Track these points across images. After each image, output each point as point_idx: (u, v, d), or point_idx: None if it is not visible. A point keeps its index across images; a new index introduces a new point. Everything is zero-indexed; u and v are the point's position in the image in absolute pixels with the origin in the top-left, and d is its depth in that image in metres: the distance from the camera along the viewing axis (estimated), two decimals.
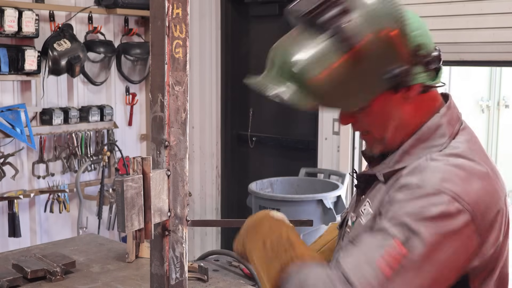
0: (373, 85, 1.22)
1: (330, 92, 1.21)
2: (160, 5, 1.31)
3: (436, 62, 1.27)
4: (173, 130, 1.39)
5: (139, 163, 1.42)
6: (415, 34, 1.24)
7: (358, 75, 1.20)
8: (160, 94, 1.36)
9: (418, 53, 1.24)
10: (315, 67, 1.20)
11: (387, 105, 1.27)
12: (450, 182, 1.17)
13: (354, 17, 1.19)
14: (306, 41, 1.23)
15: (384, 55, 1.21)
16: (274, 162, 4.68)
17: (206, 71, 4.87)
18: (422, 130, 1.28)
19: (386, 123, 1.29)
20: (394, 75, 1.21)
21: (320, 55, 1.20)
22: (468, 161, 1.23)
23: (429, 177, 1.18)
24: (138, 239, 1.42)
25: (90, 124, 4.37)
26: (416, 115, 1.29)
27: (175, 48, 1.35)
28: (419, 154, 1.27)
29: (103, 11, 4.40)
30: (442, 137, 1.28)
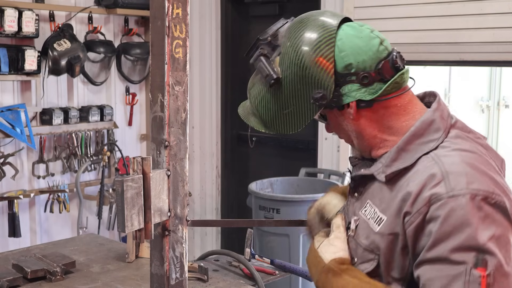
0: (303, 109, 1.34)
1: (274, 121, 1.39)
2: (160, 5, 1.31)
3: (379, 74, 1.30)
4: (173, 130, 1.39)
5: (139, 163, 1.42)
6: (342, 55, 1.29)
7: (291, 103, 1.34)
8: (160, 94, 1.36)
9: (348, 72, 1.29)
10: (255, 99, 1.41)
11: (338, 119, 1.38)
12: (476, 182, 1.20)
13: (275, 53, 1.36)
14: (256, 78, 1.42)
15: (303, 82, 1.32)
16: (274, 162, 4.69)
17: (206, 71, 4.87)
18: (416, 126, 1.30)
19: (346, 134, 1.40)
20: (318, 98, 1.31)
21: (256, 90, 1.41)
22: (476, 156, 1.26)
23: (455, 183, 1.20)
24: (138, 239, 1.42)
25: (90, 124, 4.37)
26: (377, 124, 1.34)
27: (175, 48, 1.35)
28: (416, 150, 1.29)
29: (103, 11, 4.40)
30: (437, 131, 1.30)
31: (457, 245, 1.15)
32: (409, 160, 1.28)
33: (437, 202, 1.19)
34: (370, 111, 1.33)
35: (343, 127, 1.38)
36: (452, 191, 1.18)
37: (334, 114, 1.37)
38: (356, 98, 1.31)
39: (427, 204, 1.20)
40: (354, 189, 1.43)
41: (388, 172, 1.31)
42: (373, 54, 1.30)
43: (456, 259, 1.16)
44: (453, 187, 1.19)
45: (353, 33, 1.32)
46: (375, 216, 1.31)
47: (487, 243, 1.15)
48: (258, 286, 2.26)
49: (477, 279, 1.14)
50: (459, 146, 1.27)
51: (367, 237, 1.33)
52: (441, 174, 1.21)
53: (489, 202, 1.18)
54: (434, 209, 1.19)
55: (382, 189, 1.32)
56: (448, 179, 1.20)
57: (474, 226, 1.15)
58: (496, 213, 1.18)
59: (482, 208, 1.17)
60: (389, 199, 1.29)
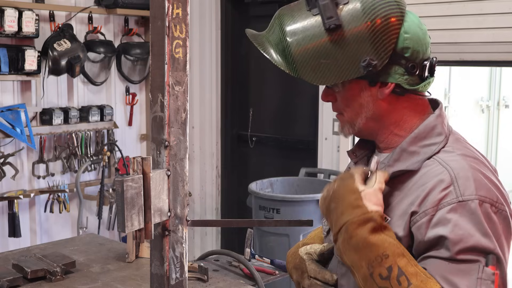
0: (347, 68, 1.28)
1: (306, 66, 1.30)
2: (160, 5, 1.32)
3: (422, 69, 1.32)
4: (173, 130, 1.39)
5: (139, 163, 1.42)
6: (405, 37, 1.29)
7: (336, 56, 1.27)
8: (160, 94, 1.36)
9: (402, 54, 1.29)
10: (300, 40, 1.29)
11: (361, 94, 1.34)
12: (483, 189, 1.23)
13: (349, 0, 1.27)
14: (302, 13, 1.31)
15: (366, 43, 1.26)
16: (274, 162, 4.69)
17: (206, 71, 4.87)
18: (419, 129, 1.33)
19: (358, 110, 1.35)
20: (369, 65, 1.26)
21: (307, 30, 1.29)
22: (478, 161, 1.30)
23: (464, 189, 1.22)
24: (138, 239, 1.42)
25: (90, 124, 4.37)
26: (394, 114, 1.36)
27: (175, 48, 1.35)
28: (419, 152, 1.31)
29: (103, 11, 4.40)
30: (439, 135, 1.33)
31: (469, 246, 1.18)
32: (415, 164, 1.30)
33: (446, 206, 1.21)
34: (398, 99, 1.34)
35: (360, 102, 1.34)
36: (462, 196, 1.21)
37: (360, 86, 1.33)
38: (397, 81, 1.31)
39: (435, 207, 1.22)
40: None
41: (392, 171, 1.31)
42: (426, 50, 1.33)
43: (468, 258, 1.18)
44: (463, 193, 1.22)
45: (417, 22, 1.32)
46: None
47: (496, 248, 1.19)
48: (258, 286, 2.26)
49: (490, 276, 1.17)
50: (464, 152, 1.30)
51: None
52: (450, 178, 1.24)
53: (493, 210, 1.22)
54: (443, 213, 1.21)
55: (385, 189, 1.32)
56: (457, 183, 1.23)
57: (484, 230, 1.19)
58: (499, 221, 1.23)
59: (489, 215, 1.21)
60: (395, 201, 1.30)
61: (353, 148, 1.49)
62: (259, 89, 4.80)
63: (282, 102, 4.64)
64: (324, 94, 1.41)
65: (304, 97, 4.38)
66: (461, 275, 1.17)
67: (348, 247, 1.22)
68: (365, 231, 1.20)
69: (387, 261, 1.17)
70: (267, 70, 4.68)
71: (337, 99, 1.38)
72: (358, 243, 1.20)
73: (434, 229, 1.21)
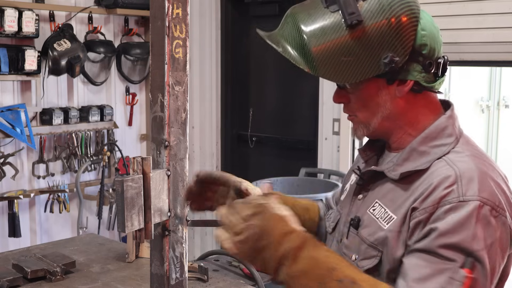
0: (369, 66, 1.25)
1: (326, 63, 1.26)
2: (160, 5, 1.32)
3: (437, 67, 1.32)
4: (173, 130, 1.39)
5: (139, 163, 1.42)
6: (422, 34, 1.28)
7: (357, 53, 1.24)
8: (160, 94, 1.36)
9: (420, 51, 1.28)
10: (319, 37, 1.26)
11: (379, 92, 1.31)
12: (487, 191, 1.22)
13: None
14: (318, 11, 1.28)
15: (387, 39, 1.24)
16: (274, 162, 4.69)
17: (206, 71, 4.87)
18: (429, 129, 1.32)
19: (375, 110, 1.33)
20: (391, 61, 1.24)
21: (326, 27, 1.26)
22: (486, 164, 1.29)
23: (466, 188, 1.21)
24: (138, 239, 1.42)
25: (90, 124, 4.37)
26: (410, 113, 1.34)
27: (175, 48, 1.35)
28: (429, 152, 1.30)
29: (103, 11, 4.40)
30: (450, 136, 1.32)
31: (452, 243, 1.17)
32: (424, 164, 1.29)
33: (446, 205, 1.20)
34: (415, 97, 1.33)
35: (377, 101, 1.32)
36: (463, 196, 1.20)
37: (378, 85, 1.31)
38: (415, 79, 1.30)
39: (435, 205, 1.21)
40: (361, 188, 1.41)
41: (401, 170, 1.31)
42: (440, 48, 1.34)
43: (446, 255, 1.17)
44: (465, 193, 1.20)
45: (431, 20, 1.33)
46: (384, 215, 1.31)
47: (480, 251, 1.17)
48: (258, 286, 2.26)
49: (461, 278, 1.15)
50: (473, 153, 1.30)
51: (373, 233, 1.32)
52: (455, 177, 1.23)
53: (493, 214, 1.20)
54: (442, 211, 1.20)
55: (394, 189, 1.32)
56: (461, 183, 1.22)
57: (473, 231, 1.17)
58: (497, 226, 1.21)
59: (486, 218, 1.19)
60: (401, 200, 1.29)
61: (364, 147, 1.47)
62: (259, 89, 4.80)
63: (282, 102, 4.64)
64: (337, 96, 1.37)
65: (304, 97, 4.38)
66: (434, 271, 1.17)
67: (296, 273, 1.15)
68: (309, 250, 1.15)
69: (336, 274, 1.14)
70: (267, 70, 4.68)
71: (351, 100, 1.35)
72: (305, 265, 1.15)
73: (429, 225, 1.21)
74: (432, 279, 1.16)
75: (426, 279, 1.16)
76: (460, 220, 1.18)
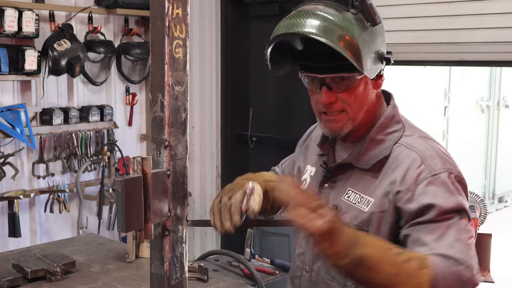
0: (380, 58, 1.48)
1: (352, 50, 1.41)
2: (160, 5, 1.32)
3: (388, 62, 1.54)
4: (173, 130, 1.39)
5: (139, 163, 1.42)
6: None
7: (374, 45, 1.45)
8: (160, 94, 1.36)
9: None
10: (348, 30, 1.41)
11: (366, 87, 1.51)
12: (448, 163, 1.50)
13: None
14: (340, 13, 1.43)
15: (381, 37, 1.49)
16: (274, 162, 4.67)
17: (206, 71, 4.87)
18: (381, 119, 1.55)
19: (363, 103, 1.52)
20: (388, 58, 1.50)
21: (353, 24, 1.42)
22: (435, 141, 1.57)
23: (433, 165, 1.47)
24: (138, 239, 1.42)
25: (90, 124, 4.36)
26: (376, 105, 1.57)
27: (175, 48, 1.35)
28: (385, 140, 1.52)
29: (103, 11, 4.40)
30: (398, 123, 1.56)
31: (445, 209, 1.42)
32: (385, 151, 1.51)
33: (424, 181, 1.45)
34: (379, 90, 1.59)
35: (366, 95, 1.52)
36: (434, 171, 1.46)
37: (365, 80, 1.50)
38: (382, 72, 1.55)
39: (414, 183, 1.46)
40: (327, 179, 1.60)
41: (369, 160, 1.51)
42: None
43: (445, 217, 1.42)
44: (433, 168, 1.47)
45: None
46: (362, 200, 1.52)
47: (464, 205, 1.45)
48: (258, 286, 2.26)
49: (464, 227, 1.42)
50: (420, 134, 1.55)
51: (356, 217, 1.52)
52: (420, 158, 1.48)
53: (457, 179, 1.48)
54: (422, 186, 1.45)
55: (364, 177, 1.52)
56: (427, 162, 1.48)
57: (454, 194, 1.45)
58: (461, 186, 1.49)
59: (455, 183, 1.47)
60: (375, 185, 1.51)
61: (321, 142, 1.67)
62: (259, 89, 4.79)
63: (282, 102, 4.64)
64: (327, 96, 1.51)
65: (304, 97, 4.34)
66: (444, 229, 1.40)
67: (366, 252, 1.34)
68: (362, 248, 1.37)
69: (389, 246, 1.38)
70: (267, 70, 4.67)
71: (340, 98, 1.51)
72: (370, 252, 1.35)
73: (418, 200, 1.44)
74: (446, 235, 1.39)
75: (442, 236, 1.39)
76: (443, 190, 1.44)
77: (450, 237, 1.39)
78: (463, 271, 1.34)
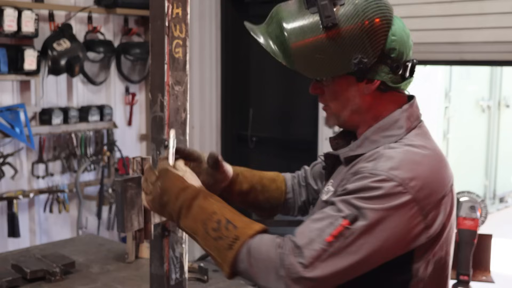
0: (340, 64, 1.38)
1: (302, 59, 1.39)
2: (160, 5, 1.31)
3: (404, 69, 1.43)
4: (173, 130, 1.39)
5: (139, 163, 1.42)
6: (392, 39, 1.40)
7: (330, 52, 1.37)
8: (160, 94, 1.35)
9: (389, 55, 1.40)
10: (297, 35, 1.39)
11: (349, 88, 1.43)
12: (398, 170, 1.31)
13: (345, 2, 1.38)
14: (300, 11, 1.42)
15: (358, 42, 1.37)
16: (274, 162, 4.68)
17: (206, 71, 4.86)
18: (383, 121, 1.44)
19: (345, 103, 1.45)
20: (360, 62, 1.37)
21: (305, 26, 1.39)
22: (419, 150, 1.37)
23: (381, 165, 1.32)
24: (138, 239, 1.42)
25: (89, 124, 4.36)
26: (375, 109, 1.46)
27: (175, 48, 1.34)
28: (378, 141, 1.42)
29: (103, 11, 4.39)
30: (400, 128, 1.43)
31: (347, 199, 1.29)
32: (368, 148, 1.42)
33: (359, 174, 1.33)
34: (382, 95, 1.45)
35: (347, 96, 1.44)
36: (375, 170, 1.32)
37: (348, 82, 1.42)
38: (382, 79, 1.41)
39: (354, 174, 1.36)
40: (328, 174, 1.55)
41: (348, 154, 1.45)
42: (409, 52, 1.45)
43: (340, 207, 1.29)
44: (377, 167, 1.32)
45: (402, 26, 1.44)
46: (327, 191, 1.47)
47: (368, 211, 1.27)
48: (258, 286, 2.25)
49: (337, 225, 1.26)
50: (412, 142, 1.40)
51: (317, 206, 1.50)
52: (377, 155, 1.36)
53: (398, 190, 1.29)
54: (353, 178, 1.33)
55: (342, 171, 1.46)
56: (378, 160, 1.34)
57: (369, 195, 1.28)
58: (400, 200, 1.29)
59: (389, 189, 1.28)
60: (340, 176, 1.45)
61: (335, 136, 1.60)
62: (259, 89, 4.79)
63: (282, 102, 4.63)
64: (313, 87, 1.49)
65: (304, 97, 4.37)
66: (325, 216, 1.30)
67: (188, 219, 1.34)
68: (199, 200, 1.35)
69: (215, 216, 1.33)
70: (267, 70, 4.67)
71: (325, 92, 1.47)
72: (194, 212, 1.34)
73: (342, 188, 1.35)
74: (321, 221, 1.29)
75: (317, 220, 1.30)
76: (363, 185, 1.29)
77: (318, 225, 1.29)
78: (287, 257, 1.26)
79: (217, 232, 1.31)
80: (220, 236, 1.31)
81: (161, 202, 1.37)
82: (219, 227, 1.32)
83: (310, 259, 1.25)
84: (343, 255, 1.26)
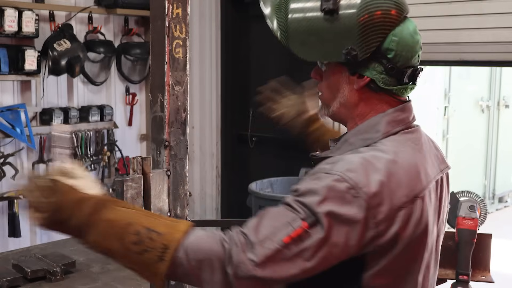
0: (331, 51, 1.35)
1: (296, 37, 1.37)
2: (160, 5, 1.32)
3: (401, 74, 1.37)
4: (173, 130, 1.39)
5: (139, 163, 1.42)
6: (392, 39, 1.35)
7: (324, 36, 1.35)
8: (160, 94, 1.36)
9: (385, 54, 1.35)
10: (297, 11, 1.37)
11: (340, 79, 1.40)
12: (354, 172, 1.24)
13: None
14: None
15: (353, 33, 1.32)
16: (274, 162, 4.68)
17: (206, 71, 4.86)
18: (363, 123, 1.40)
19: (335, 93, 1.42)
20: (349, 53, 1.33)
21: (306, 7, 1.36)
22: (384, 156, 1.30)
23: (338, 166, 1.27)
24: None
25: (90, 124, 4.36)
26: (363, 107, 1.41)
27: (175, 48, 1.35)
28: (354, 144, 1.37)
29: (103, 11, 4.40)
30: (377, 132, 1.37)
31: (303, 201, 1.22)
32: (344, 150, 1.37)
33: (316, 174, 1.28)
34: (371, 94, 1.39)
35: (338, 87, 1.41)
36: (331, 170, 1.26)
37: (341, 72, 1.39)
38: (372, 77, 1.36)
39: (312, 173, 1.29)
40: None
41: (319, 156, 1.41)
42: (410, 57, 1.39)
43: (295, 207, 1.22)
44: (333, 168, 1.26)
45: (411, 31, 1.39)
46: None
47: (323, 216, 1.20)
48: None
49: (296, 226, 1.20)
50: (381, 147, 1.33)
51: None
52: (338, 158, 1.30)
53: (351, 193, 1.22)
54: (310, 178, 1.27)
55: None
56: (337, 163, 1.28)
57: (324, 197, 1.21)
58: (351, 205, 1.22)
59: (342, 192, 1.22)
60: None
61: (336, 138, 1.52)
62: None
63: None
64: (314, 72, 1.47)
65: None
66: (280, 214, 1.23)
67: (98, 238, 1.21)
68: (104, 213, 1.20)
69: (132, 228, 1.19)
70: (267, 70, 4.67)
71: (322, 79, 1.45)
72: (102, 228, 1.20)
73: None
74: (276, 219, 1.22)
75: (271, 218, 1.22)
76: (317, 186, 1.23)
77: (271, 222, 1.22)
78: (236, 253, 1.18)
79: (140, 245, 1.18)
80: (145, 249, 1.18)
81: (59, 219, 1.22)
82: (141, 239, 1.19)
83: (262, 257, 1.18)
84: (296, 261, 1.20)
